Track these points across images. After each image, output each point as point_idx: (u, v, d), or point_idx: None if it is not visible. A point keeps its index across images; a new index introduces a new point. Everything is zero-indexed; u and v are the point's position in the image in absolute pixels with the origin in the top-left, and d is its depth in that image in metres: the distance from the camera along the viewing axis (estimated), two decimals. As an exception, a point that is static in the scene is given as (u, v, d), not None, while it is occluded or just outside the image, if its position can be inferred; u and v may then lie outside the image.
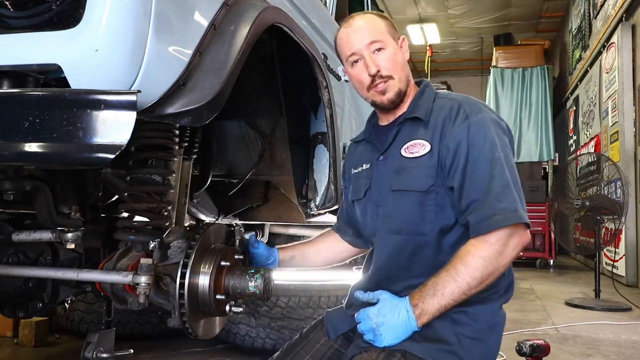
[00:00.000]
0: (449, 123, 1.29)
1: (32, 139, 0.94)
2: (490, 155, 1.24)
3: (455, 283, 1.19)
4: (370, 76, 1.35)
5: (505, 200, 1.21)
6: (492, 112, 1.35)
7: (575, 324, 3.85)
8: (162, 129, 1.42)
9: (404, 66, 1.39)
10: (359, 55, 1.36)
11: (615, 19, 6.21)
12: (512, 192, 1.23)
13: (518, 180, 1.27)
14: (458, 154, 1.26)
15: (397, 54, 1.37)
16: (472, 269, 1.18)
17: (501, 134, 1.30)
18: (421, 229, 1.30)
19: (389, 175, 1.36)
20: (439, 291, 1.20)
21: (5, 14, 1.00)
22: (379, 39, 1.35)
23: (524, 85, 8.89)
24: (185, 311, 1.30)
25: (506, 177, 1.23)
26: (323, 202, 2.10)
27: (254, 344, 2.75)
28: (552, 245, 7.69)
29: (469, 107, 1.31)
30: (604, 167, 4.95)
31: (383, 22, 1.39)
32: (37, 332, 2.97)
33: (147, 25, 0.99)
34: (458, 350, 1.24)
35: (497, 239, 1.20)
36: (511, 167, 1.27)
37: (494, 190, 1.22)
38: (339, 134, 2.12)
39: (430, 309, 1.20)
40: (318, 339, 1.44)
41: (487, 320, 1.29)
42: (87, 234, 1.47)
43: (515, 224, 1.20)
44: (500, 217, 1.19)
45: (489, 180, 1.22)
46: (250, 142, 2.15)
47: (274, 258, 1.55)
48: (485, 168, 1.24)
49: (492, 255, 1.19)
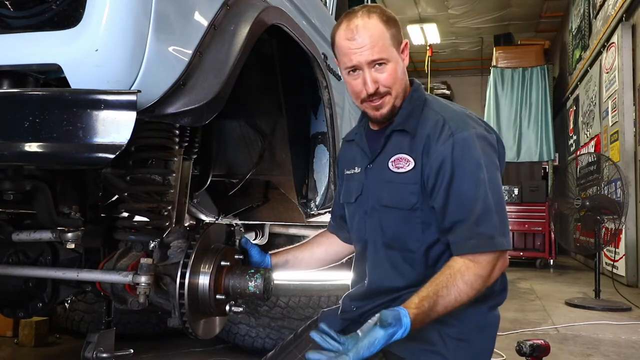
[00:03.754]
0: (433, 140, 1.26)
1: (32, 139, 0.94)
2: (476, 176, 1.22)
3: (445, 299, 1.18)
4: (367, 93, 1.30)
5: (482, 225, 1.20)
6: (480, 126, 1.31)
7: (575, 324, 3.85)
8: (162, 129, 1.42)
9: (402, 78, 1.33)
10: (358, 67, 1.29)
11: (615, 19, 6.21)
12: (492, 216, 1.21)
13: (502, 201, 1.26)
14: (441, 174, 1.24)
15: (398, 67, 1.31)
16: (462, 293, 1.18)
17: (489, 150, 1.27)
18: (409, 246, 1.30)
19: (379, 187, 1.35)
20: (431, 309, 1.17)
21: (5, 14, 1.00)
22: (382, 56, 1.27)
23: (524, 85, 8.88)
24: (185, 311, 1.30)
25: (489, 200, 1.22)
26: (323, 202, 2.10)
27: (254, 344, 2.75)
28: (552, 245, 7.69)
29: (454, 124, 1.27)
30: (604, 167, 4.95)
31: (388, 31, 1.28)
32: (37, 332, 2.97)
33: (147, 25, 0.99)
34: (442, 350, 1.24)
35: (487, 260, 1.21)
36: (496, 188, 1.25)
37: (475, 212, 1.21)
38: (339, 133, 2.12)
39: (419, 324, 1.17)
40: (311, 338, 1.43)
41: (475, 321, 1.28)
42: (87, 234, 1.47)
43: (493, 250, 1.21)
44: (475, 242, 1.20)
45: (473, 202, 1.21)
46: (250, 142, 2.15)
47: (266, 264, 1.51)
48: (469, 189, 1.22)
49: (477, 282, 1.20)
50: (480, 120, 1.34)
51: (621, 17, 6.02)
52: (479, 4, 9.37)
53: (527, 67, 8.88)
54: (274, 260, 1.53)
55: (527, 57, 8.99)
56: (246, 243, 1.51)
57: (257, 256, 1.50)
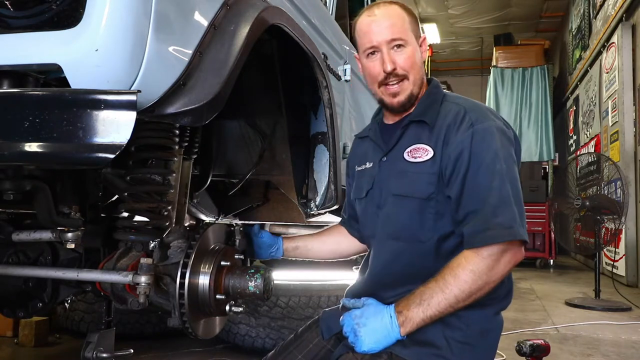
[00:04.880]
0: (454, 129, 1.26)
1: (32, 139, 0.93)
2: (492, 167, 1.20)
3: (443, 294, 1.17)
4: (385, 73, 1.31)
5: (501, 215, 1.18)
6: (499, 120, 1.30)
7: (575, 323, 3.85)
8: (162, 129, 1.42)
9: (420, 67, 1.34)
10: (377, 49, 1.31)
11: (615, 19, 6.21)
12: (511, 207, 1.19)
13: (520, 194, 1.23)
14: (459, 163, 1.22)
15: (416, 53, 1.33)
16: (461, 282, 1.16)
17: (507, 144, 1.26)
18: (419, 236, 1.28)
19: (392, 178, 1.34)
20: (425, 301, 1.18)
21: (5, 14, 1.00)
22: (401, 36, 1.30)
23: (524, 85, 8.89)
24: (185, 311, 1.30)
25: (506, 190, 1.20)
26: (323, 202, 2.10)
27: (254, 344, 2.75)
28: (552, 245, 7.70)
29: (474, 115, 1.26)
30: (604, 167, 4.95)
31: (408, 17, 1.33)
32: (37, 332, 2.97)
33: (147, 25, 0.99)
34: (447, 354, 1.22)
35: (489, 253, 1.17)
36: (513, 180, 1.22)
37: (491, 203, 1.18)
38: (339, 133, 2.11)
39: (415, 317, 1.18)
40: (311, 338, 1.43)
41: (480, 325, 1.26)
42: (87, 234, 1.47)
43: (510, 240, 1.18)
44: (493, 233, 1.17)
45: (488, 192, 1.19)
46: (250, 142, 2.15)
47: (278, 246, 1.55)
48: (485, 179, 1.20)
49: (483, 270, 1.16)
50: (499, 116, 1.33)
51: (621, 17, 6.02)
52: (479, 4, 9.37)
53: (527, 67, 8.89)
54: (285, 244, 1.56)
55: (527, 57, 9.00)
56: (256, 228, 1.54)
57: (268, 239, 1.53)
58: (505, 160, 1.22)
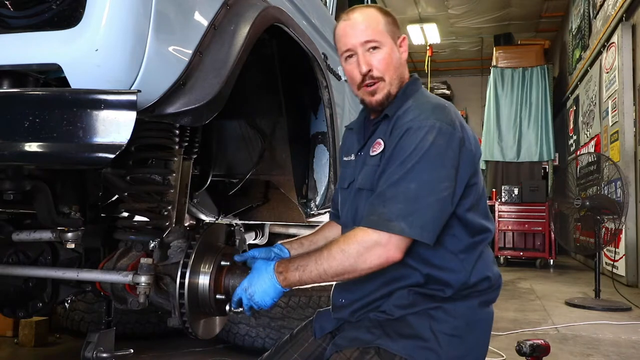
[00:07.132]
0: (397, 125, 1.29)
1: (32, 139, 0.94)
2: (405, 163, 1.21)
3: (315, 265, 1.21)
4: (361, 75, 1.33)
5: (387, 207, 1.19)
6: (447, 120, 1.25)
7: (575, 323, 3.85)
8: (162, 129, 1.42)
9: (398, 67, 1.36)
10: (353, 52, 1.34)
11: (615, 19, 6.21)
12: (401, 204, 1.18)
13: (429, 196, 1.19)
14: (386, 155, 1.27)
15: (393, 54, 1.34)
16: (331, 259, 1.20)
17: (443, 144, 1.22)
18: None
19: (361, 172, 1.38)
20: (301, 267, 1.23)
21: (5, 13, 1.00)
22: (375, 38, 1.32)
23: (524, 85, 8.88)
24: (185, 311, 1.30)
25: (405, 187, 1.20)
26: (323, 202, 2.10)
27: (254, 343, 2.75)
28: (552, 245, 7.69)
29: (418, 112, 1.27)
30: (604, 167, 4.95)
31: (383, 18, 1.35)
32: (37, 332, 2.97)
33: (147, 25, 0.99)
34: (434, 346, 1.24)
35: (362, 239, 1.19)
36: (424, 181, 1.20)
37: (385, 194, 1.21)
38: (339, 133, 2.12)
39: (292, 279, 1.24)
40: (307, 337, 1.45)
41: (465, 317, 1.28)
42: (87, 234, 1.47)
43: (392, 234, 1.17)
44: (373, 219, 1.20)
45: (389, 184, 1.22)
46: (250, 142, 2.15)
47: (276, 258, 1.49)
48: (393, 172, 1.22)
49: (352, 253, 1.19)
50: (455, 116, 1.29)
51: (621, 17, 6.02)
52: (479, 4, 9.37)
53: (527, 67, 8.88)
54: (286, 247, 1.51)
55: (527, 57, 8.99)
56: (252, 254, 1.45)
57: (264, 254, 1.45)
58: (426, 159, 1.21)
